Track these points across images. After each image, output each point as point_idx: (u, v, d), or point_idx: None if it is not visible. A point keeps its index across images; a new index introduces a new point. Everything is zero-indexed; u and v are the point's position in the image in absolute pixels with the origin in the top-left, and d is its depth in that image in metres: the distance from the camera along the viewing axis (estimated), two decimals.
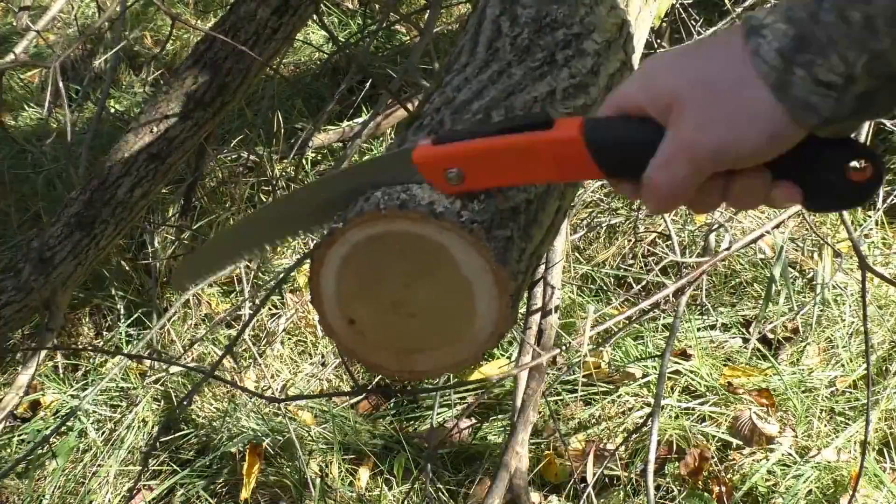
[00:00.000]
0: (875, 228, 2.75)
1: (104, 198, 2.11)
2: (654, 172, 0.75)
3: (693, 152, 0.73)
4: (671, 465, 2.32)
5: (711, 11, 2.94)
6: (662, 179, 0.75)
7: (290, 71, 3.62)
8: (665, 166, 0.75)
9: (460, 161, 0.82)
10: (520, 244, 0.87)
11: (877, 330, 2.49)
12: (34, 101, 3.60)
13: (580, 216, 2.87)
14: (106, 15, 2.36)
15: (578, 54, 1.01)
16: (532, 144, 0.79)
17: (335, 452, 2.39)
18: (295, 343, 2.71)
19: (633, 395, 2.46)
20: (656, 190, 0.76)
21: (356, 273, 0.87)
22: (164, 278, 2.87)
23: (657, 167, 0.75)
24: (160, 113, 2.11)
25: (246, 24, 2.08)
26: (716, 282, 2.72)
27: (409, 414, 2.51)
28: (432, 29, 2.46)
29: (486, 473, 2.32)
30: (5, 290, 2.11)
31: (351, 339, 0.91)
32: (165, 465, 2.45)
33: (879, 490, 2.21)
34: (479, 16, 1.09)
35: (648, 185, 0.76)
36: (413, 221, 0.83)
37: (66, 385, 2.65)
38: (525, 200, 0.89)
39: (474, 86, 0.96)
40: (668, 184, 0.75)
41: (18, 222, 3.06)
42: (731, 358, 2.54)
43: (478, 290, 0.85)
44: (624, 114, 0.77)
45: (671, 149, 0.74)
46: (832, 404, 2.40)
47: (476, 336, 0.88)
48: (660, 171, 0.75)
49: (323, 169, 3.18)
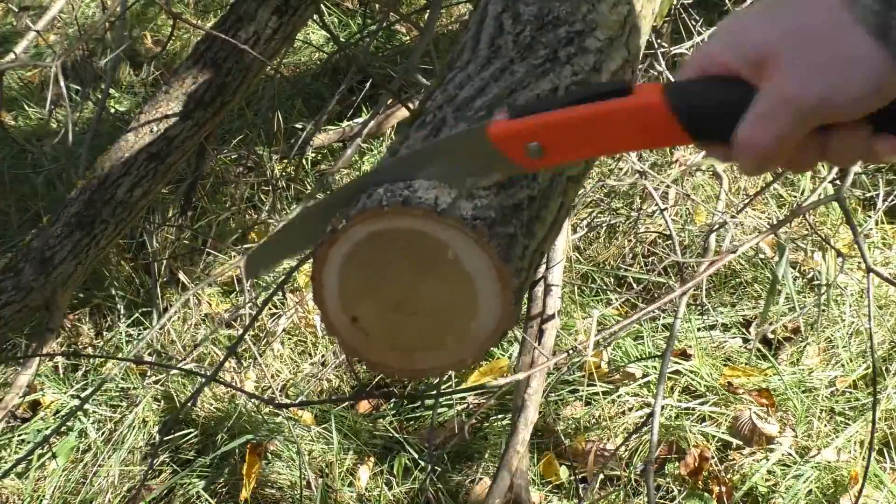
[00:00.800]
0: (875, 228, 2.75)
1: (104, 198, 2.11)
2: (753, 129, 0.71)
3: (796, 104, 0.69)
4: (671, 465, 2.32)
5: (712, 11, 2.94)
6: (762, 135, 0.71)
7: (290, 71, 3.62)
8: (764, 122, 0.71)
9: (540, 134, 0.78)
10: (523, 241, 0.87)
11: (877, 330, 2.49)
12: (34, 101, 3.60)
13: (580, 216, 2.87)
14: (107, 15, 2.36)
15: (581, 51, 1.01)
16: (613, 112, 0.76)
17: (335, 452, 2.39)
18: (295, 343, 2.71)
19: (633, 395, 2.46)
20: (755, 147, 0.72)
21: (359, 271, 0.87)
22: (164, 278, 2.87)
23: (755, 125, 0.71)
24: (160, 113, 2.11)
25: (246, 24, 2.08)
26: (716, 282, 2.72)
27: (409, 414, 2.51)
28: (432, 29, 2.46)
29: (486, 473, 2.32)
30: (5, 290, 2.11)
31: (353, 338, 0.91)
32: (165, 465, 2.45)
33: (879, 490, 2.21)
34: (482, 13, 1.09)
35: (746, 143, 0.72)
36: (416, 218, 0.83)
37: (66, 385, 2.65)
38: (528, 197, 0.88)
39: (477, 83, 0.96)
40: (769, 140, 0.71)
41: (18, 222, 3.06)
42: (731, 358, 2.54)
43: (480, 287, 0.84)
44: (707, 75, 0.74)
45: (771, 103, 0.70)
46: (832, 404, 2.40)
47: (478, 334, 0.88)
48: (759, 129, 0.71)
49: (323, 169, 3.18)
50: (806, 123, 0.70)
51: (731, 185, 2.80)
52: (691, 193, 2.79)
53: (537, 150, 0.79)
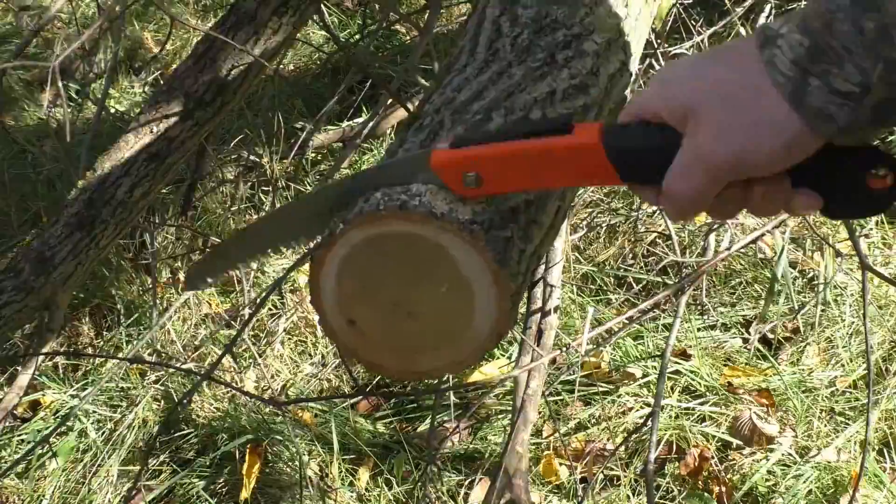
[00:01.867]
0: (875, 228, 2.75)
1: (104, 198, 2.11)
2: (672, 182, 0.75)
3: (710, 161, 0.72)
4: (671, 465, 2.32)
5: (711, 11, 2.94)
6: (680, 188, 0.75)
7: (290, 71, 3.62)
8: (682, 176, 0.74)
9: (479, 165, 0.81)
10: (519, 245, 0.87)
11: (877, 330, 2.49)
12: (34, 101, 3.60)
13: (580, 216, 2.87)
14: (106, 14, 2.36)
15: (578, 55, 1.01)
16: (551, 149, 0.79)
17: (335, 452, 2.39)
18: (295, 343, 2.71)
19: (633, 395, 2.46)
20: (675, 199, 0.76)
21: (356, 274, 0.87)
22: (164, 278, 2.87)
23: (675, 176, 0.75)
24: (160, 113, 2.11)
25: (246, 24, 2.08)
26: (716, 282, 2.72)
27: (409, 414, 2.51)
28: (432, 29, 2.47)
29: (487, 473, 2.32)
30: (5, 290, 2.10)
31: (351, 340, 0.92)
32: (165, 465, 2.45)
33: (879, 490, 2.21)
34: (480, 16, 1.09)
35: (667, 194, 0.76)
36: (413, 222, 0.83)
37: (66, 385, 2.65)
38: (525, 201, 0.89)
39: (474, 86, 0.96)
40: (687, 193, 0.75)
41: (18, 222, 3.06)
42: (731, 358, 2.54)
43: (477, 290, 0.85)
44: (642, 121, 0.77)
45: (688, 158, 0.74)
46: (832, 404, 2.40)
47: (476, 336, 0.88)
48: (677, 181, 0.75)
49: (323, 169, 3.18)
50: (720, 180, 0.73)
51: None
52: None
53: (474, 180, 0.82)
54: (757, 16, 2.73)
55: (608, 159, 0.77)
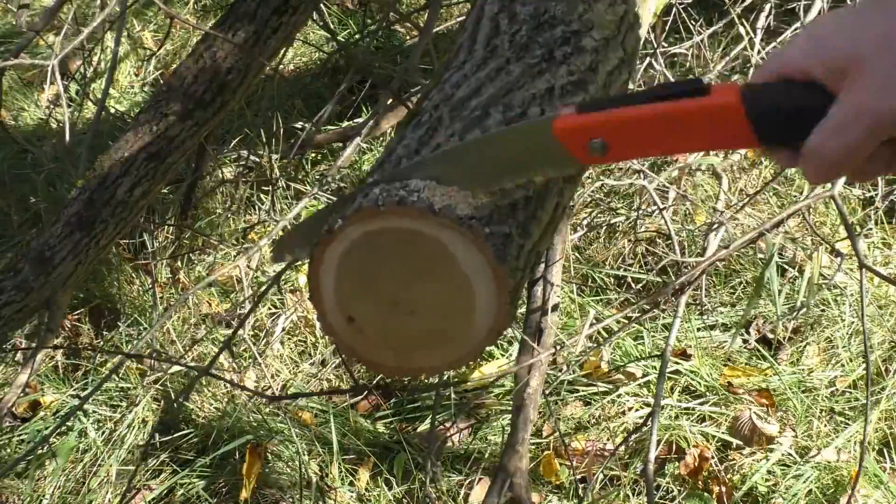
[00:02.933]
0: (875, 228, 2.75)
1: (104, 198, 2.11)
2: (824, 139, 0.71)
3: (873, 115, 0.68)
4: (671, 465, 2.32)
5: (711, 11, 2.94)
6: (832, 146, 0.71)
7: (290, 71, 3.62)
8: (837, 131, 0.70)
9: (607, 130, 0.78)
10: (518, 241, 0.87)
11: (877, 330, 2.49)
12: (34, 101, 3.60)
13: (580, 216, 2.87)
14: (105, 13, 2.36)
15: (577, 51, 1.01)
16: (686, 112, 0.75)
17: (335, 452, 2.39)
18: (295, 343, 2.71)
19: (633, 395, 2.46)
20: (824, 157, 0.71)
21: (355, 271, 0.87)
22: (164, 278, 2.87)
23: (827, 133, 0.71)
24: (160, 113, 2.11)
25: (246, 24, 2.08)
26: (716, 282, 2.71)
27: (409, 414, 2.51)
28: (432, 29, 2.46)
29: (486, 473, 2.32)
30: (5, 290, 2.10)
31: (350, 337, 0.91)
32: (165, 465, 2.45)
33: (879, 490, 2.20)
34: (478, 13, 1.09)
35: (815, 152, 0.72)
36: (412, 218, 0.82)
37: (66, 385, 2.65)
38: (524, 197, 0.88)
39: (473, 83, 0.96)
40: (840, 151, 0.70)
41: (18, 222, 3.06)
42: (731, 358, 2.54)
43: (476, 286, 0.84)
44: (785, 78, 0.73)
45: (846, 112, 0.70)
46: (832, 404, 2.40)
47: (475, 333, 0.88)
48: (830, 138, 0.70)
49: (323, 169, 3.18)
50: (880, 137, 0.70)
51: (730, 184, 2.80)
52: (690, 193, 2.79)
53: (601, 146, 0.78)
54: (757, 15, 2.73)
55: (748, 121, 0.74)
